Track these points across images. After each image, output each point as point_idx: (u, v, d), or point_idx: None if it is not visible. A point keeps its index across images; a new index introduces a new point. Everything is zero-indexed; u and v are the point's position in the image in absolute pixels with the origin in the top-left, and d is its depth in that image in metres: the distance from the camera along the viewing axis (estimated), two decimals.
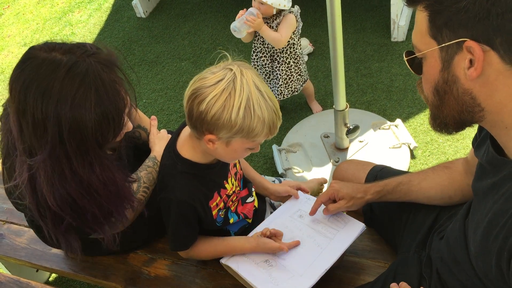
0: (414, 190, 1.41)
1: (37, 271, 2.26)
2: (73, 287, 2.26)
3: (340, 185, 1.46)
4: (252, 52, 2.62)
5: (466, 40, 0.86)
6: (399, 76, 2.94)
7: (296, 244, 1.45)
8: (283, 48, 2.48)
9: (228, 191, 1.45)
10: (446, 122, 1.00)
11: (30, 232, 1.84)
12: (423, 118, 2.68)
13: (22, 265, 1.87)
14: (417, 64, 0.99)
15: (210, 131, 1.21)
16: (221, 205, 1.44)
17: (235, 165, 1.51)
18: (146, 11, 3.91)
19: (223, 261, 1.47)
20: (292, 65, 2.57)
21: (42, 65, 1.14)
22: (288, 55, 2.52)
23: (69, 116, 1.14)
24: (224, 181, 1.44)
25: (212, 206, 1.41)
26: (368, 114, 2.73)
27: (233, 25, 2.33)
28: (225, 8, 3.82)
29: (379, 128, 2.62)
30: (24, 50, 4.15)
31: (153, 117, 1.80)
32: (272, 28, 2.40)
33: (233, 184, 1.48)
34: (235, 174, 1.50)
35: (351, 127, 2.37)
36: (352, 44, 3.24)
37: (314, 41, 3.29)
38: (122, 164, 1.50)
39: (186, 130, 1.36)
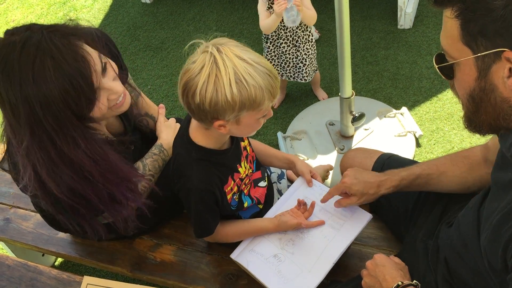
0: (433, 183, 1.38)
1: (43, 255, 2.28)
2: (79, 271, 2.27)
3: (352, 181, 1.41)
4: (268, 42, 2.57)
5: (505, 50, 0.82)
6: (405, 64, 2.92)
7: (319, 224, 1.47)
8: (305, 26, 2.48)
9: (241, 175, 1.46)
10: (481, 127, 0.98)
11: (37, 216, 1.85)
12: (428, 107, 2.67)
13: (28, 249, 1.88)
14: (448, 69, 0.95)
15: (215, 118, 1.21)
16: (235, 189, 1.45)
17: (245, 148, 1.50)
18: None
19: (233, 256, 1.49)
20: (313, 41, 2.59)
21: (2, 50, 1.14)
22: (309, 32, 2.53)
23: (35, 92, 1.12)
24: (238, 165, 1.44)
25: (226, 190, 1.42)
26: (373, 102, 2.72)
27: (289, 16, 2.24)
28: None
29: (385, 116, 2.61)
30: None
31: (161, 105, 1.80)
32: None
33: (245, 167, 1.48)
34: (246, 156, 1.50)
35: (356, 115, 2.36)
36: (358, 31, 3.21)
37: (320, 28, 3.27)
38: (127, 151, 1.50)
39: None
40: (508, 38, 0.81)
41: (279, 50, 2.58)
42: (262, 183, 1.58)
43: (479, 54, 0.86)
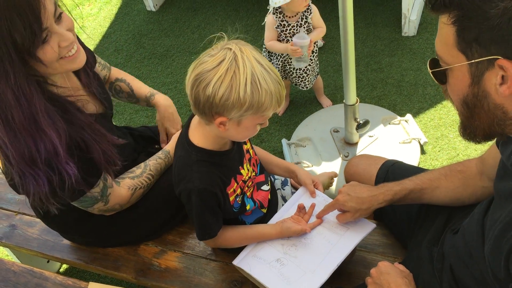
0: (427, 198, 1.39)
1: (48, 261, 2.29)
2: (84, 278, 2.28)
3: (345, 197, 1.43)
4: (282, 61, 2.61)
5: (498, 58, 0.83)
6: (409, 71, 2.93)
7: (319, 223, 1.50)
8: None
9: (244, 177, 1.46)
10: (476, 133, 0.98)
11: (42, 223, 1.86)
12: (433, 113, 2.67)
13: (33, 255, 1.89)
14: (441, 74, 0.96)
15: (220, 114, 1.21)
16: (238, 191, 1.45)
17: (248, 151, 1.51)
18: (156, 5, 3.91)
19: (235, 262, 1.48)
20: (317, 51, 2.66)
21: None
22: (315, 43, 2.58)
23: None
24: (240, 167, 1.45)
25: (229, 192, 1.42)
26: (378, 109, 2.73)
27: (299, 65, 2.50)
28: (235, 2, 3.81)
29: (389, 123, 2.62)
30: None
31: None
32: (307, 19, 2.46)
33: (248, 170, 1.49)
34: (249, 159, 1.51)
35: (361, 122, 2.36)
36: (362, 38, 3.22)
37: (324, 35, 3.28)
38: (107, 125, 1.51)
39: (196, 119, 1.37)
40: (503, 46, 0.82)
41: (286, 62, 2.60)
42: (265, 187, 1.58)
43: (473, 61, 0.87)
